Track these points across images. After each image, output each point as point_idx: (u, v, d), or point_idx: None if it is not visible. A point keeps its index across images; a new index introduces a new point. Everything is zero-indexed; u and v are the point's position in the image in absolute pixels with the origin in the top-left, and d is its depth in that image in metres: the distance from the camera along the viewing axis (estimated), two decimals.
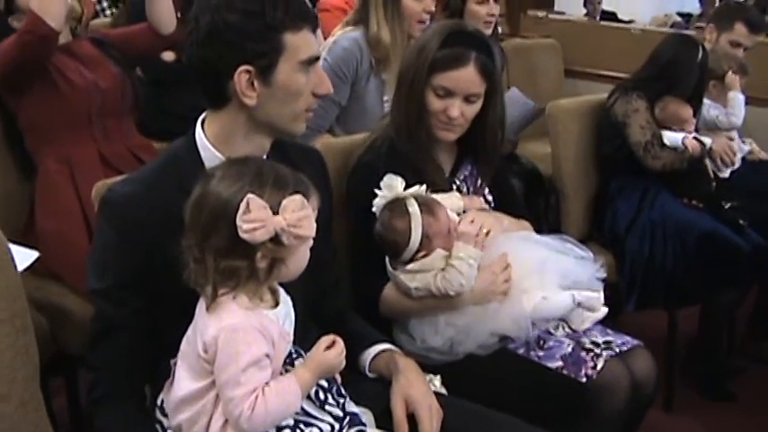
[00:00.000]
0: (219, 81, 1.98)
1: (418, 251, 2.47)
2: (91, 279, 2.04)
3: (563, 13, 7.59)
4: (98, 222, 2.06)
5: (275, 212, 1.74)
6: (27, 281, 2.89)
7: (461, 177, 2.81)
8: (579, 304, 2.56)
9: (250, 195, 1.72)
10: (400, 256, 2.49)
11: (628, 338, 2.64)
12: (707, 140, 3.92)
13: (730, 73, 4.23)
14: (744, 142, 4.40)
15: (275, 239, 1.74)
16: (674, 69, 3.89)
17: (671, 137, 3.83)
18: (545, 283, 2.54)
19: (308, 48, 2.02)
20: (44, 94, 3.22)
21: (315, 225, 1.79)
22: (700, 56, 3.88)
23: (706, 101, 4.15)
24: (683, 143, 3.81)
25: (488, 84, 2.64)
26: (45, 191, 3.25)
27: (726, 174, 4.24)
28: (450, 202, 2.62)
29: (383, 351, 2.28)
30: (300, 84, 2.02)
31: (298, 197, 1.76)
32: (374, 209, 2.50)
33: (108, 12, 6.39)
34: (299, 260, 1.83)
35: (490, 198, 2.85)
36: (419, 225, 2.44)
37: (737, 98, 4.23)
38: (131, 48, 3.59)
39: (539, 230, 2.88)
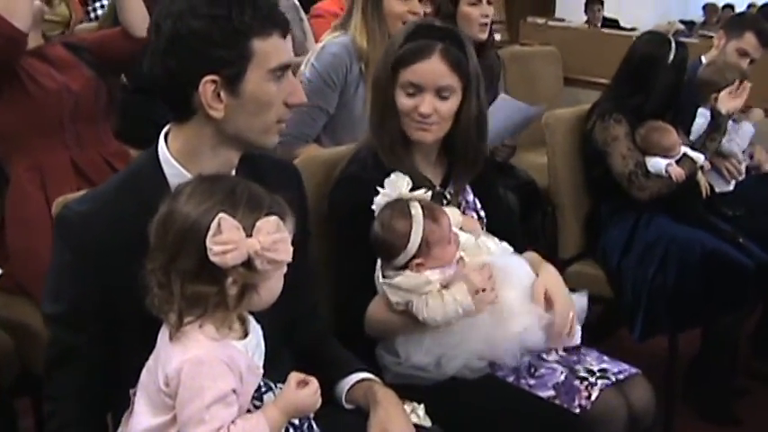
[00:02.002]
0: (183, 92, 1.85)
1: (414, 257, 2.34)
2: (45, 302, 1.92)
3: (563, 20, 7.50)
4: (53, 242, 1.92)
5: (249, 234, 1.61)
6: None
7: (452, 191, 2.67)
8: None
9: (222, 215, 1.60)
10: (394, 259, 2.36)
11: (625, 366, 2.51)
12: (699, 157, 3.73)
13: (757, 110, 4.09)
14: (745, 155, 4.25)
15: (248, 264, 1.62)
16: (645, 69, 3.75)
17: (654, 164, 3.66)
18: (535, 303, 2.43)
19: (279, 54, 1.88)
20: (13, 99, 3.09)
21: (290, 249, 1.66)
22: (672, 53, 3.74)
23: (708, 113, 4.03)
24: (666, 171, 3.65)
25: (461, 77, 2.50)
26: (15, 201, 3.13)
27: (730, 186, 4.11)
28: (450, 216, 2.48)
29: (361, 380, 2.14)
30: (271, 93, 1.89)
31: (273, 218, 1.64)
32: (374, 206, 2.38)
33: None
34: (271, 287, 1.71)
35: (483, 214, 2.72)
36: (420, 229, 2.31)
37: (747, 130, 4.12)
38: (107, 52, 3.45)
39: (535, 246, 2.75)
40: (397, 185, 2.37)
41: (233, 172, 1.98)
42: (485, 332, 2.34)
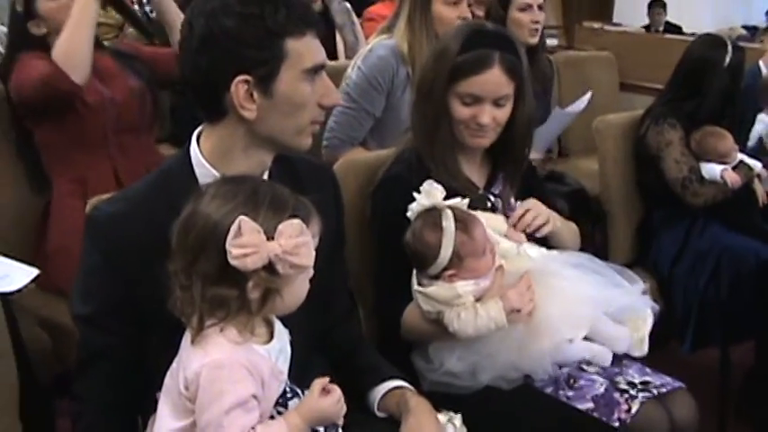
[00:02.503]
0: (215, 92, 1.81)
1: (446, 269, 2.29)
2: (74, 303, 1.90)
3: (620, 25, 7.40)
4: (84, 243, 1.90)
5: (270, 238, 1.57)
6: (34, 298, 2.85)
7: (496, 192, 2.62)
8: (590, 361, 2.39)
9: (242, 217, 1.56)
10: (426, 269, 2.31)
11: (668, 379, 2.42)
12: (756, 164, 3.67)
13: None
14: None
15: (269, 267, 1.58)
16: (700, 72, 3.68)
17: (709, 170, 3.60)
18: (580, 321, 2.35)
19: (313, 55, 1.85)
20: (61, 118, 3.11)
21: (313, 253, 1.62)
22: (728, 56, 3.66)
23: (766, 119, 3.95)
24: (721, 177, 3.58)
25: (516, 83, 2.46)
26: (57, 210, 3.15)
27: None
28: (495, 223, 2.45)
29: (395, 388, 2.09)
30: (305, 94, 1.85)
31: (296, 222, 1.59)
32: (409, 213, 2.33)
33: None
34: (295, 291, 1.67)
35: None
36: (451, 242, 2.26)
37: None
38: (159, 69, 3.43)
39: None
40: (431, 194, 2.31)
41: (266, 173, 1.95)
42: (518, 343, 2.28)
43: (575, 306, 2.34)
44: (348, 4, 5.51)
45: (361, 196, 2.59)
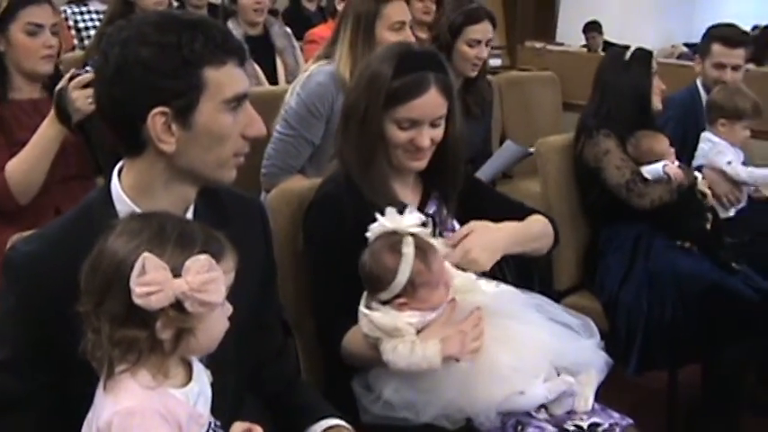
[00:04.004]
0: (132, 125, 1.73)
1: (398, 296, 2.21)
2: None
3: (562, 45, 7.42)
4: (2, 284, 1.80)
5: (176, 275, 1.49)
6: None
7: (429, 212, 2.55)
8: (546, 406, 2.26)
9: (146, 254, 1.48)
10: (379, 293, 2.24)
11: (617, 416, 2.32)
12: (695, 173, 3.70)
13: None
14: None
15: (177, 306, 1.50)
16: (606, 75, 3.77)
17: (650, 169, 3.59)
18: (531, 370, 2.24)
19: (234, 84, 1.76)
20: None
21: (224, 290, 1.54)
22: (629, 53, 3.74)
23: (714, 138, 3.94)
24: (664, 172, 3.56)
25: (449, 101, 2.42)
26: None
27: (731, 213, 4.00)
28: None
29: (330, 428, 2.03)
30: (226, 125, 1.77)
31: (203, 257, 1.51)
32: (369, 234, 2.25)
33: None
34: (211, 330, 1.58)
35: None
36: (408, 268, 2.19)
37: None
38: None
39: (530, 278, 2.61)
40: (396, 217, 2.25)
41: (190, 209, 1.87)
42: (462, 383, 2.18)
43: (528, 354, 2.24)
44: (288, 28, 5.47)
45: (295, 225, 2.53)
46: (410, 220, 2.24)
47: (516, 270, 2.64)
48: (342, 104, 2.60)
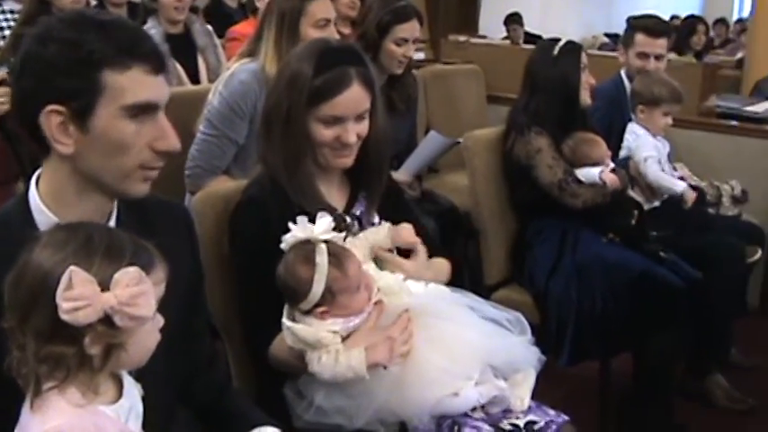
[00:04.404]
0: (33, 123, 1.67)
1: (318, 305, 2.18)
2: None
3: (485, 38, 7.43)
4: None
5: (105, 288, 1.44)
6: None
7: (356, 213, 2.53)
8: (483, 406, 2.24)
9: (73, 268, 1.42)
10: (298, 304, 2.20)
11: (552, 414, 2.30)
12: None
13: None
14: (674, 168, 4.19)
15: (106, 320, 1.45)
16: (535, 69, 3.76)
17: (586, 174, 3.60)
18: (463, 370, 2.21)
19: (138, 91, 1.68)
20: None
21: (154, 303, 1.49)
22: (558, 47, 3.73)
23: (638, 130, 3.98)
24: (600, 179, 3.57)
25: (372, 95, 2.40)
26: None
27: (656, 203, 4.04)
28: (377, 237, 2.38)
29: None
30: (126, 134, 1.69)
31: (132, 270, 1.47)
32: (283, 245, 2.21)
33: None
34: (142, 344, 1.54)
35: None
36: (323, 278, 2.15)
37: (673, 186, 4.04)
38: None
39: (459, 274, 2.59)
40: (307, 226, 2.20)
41: (113, 218, 1.81)
42: (393, 386, 2.16)
43: (460, 355, 2.21)
44: (209, 26, 5.39)
45: (221, 229, 2.47)
46: (322, 227, 2.20)
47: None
48: (262, 107, 2.55)
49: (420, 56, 6.75)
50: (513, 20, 10.13)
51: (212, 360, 2.15)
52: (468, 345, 2.23)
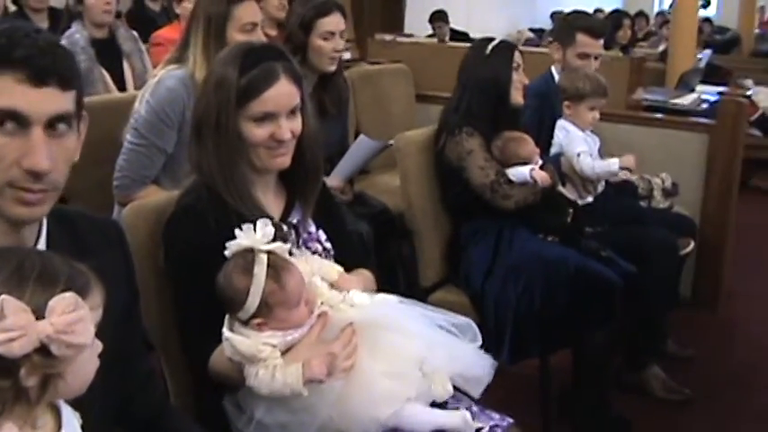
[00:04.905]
0: None
1: (255, 316, 2.13)
2: None
3: (411, 36, 7.42)
4: None
5: (40, 316, 1.38)
6: None
7: (293, 222, 2.49)
8: None
9: (4, 297, 1.36)
10: (235, 313, 2.16)
11: (497, 418, 2.32)
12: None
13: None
14: None
15: (42, 350, 1.38)
16: (467, 68, 3.75)
17: (516, 173, 3.59)
18: (411, 383, 2.18)
19: (4, 98, 1.55)
20: None
21: (92, 328, 1.44)
22: (491, 46, 3.73)
23: (568, 126, 4.00)
24: (531, 177, 3.57)
25: (300, 91, 2.37)
26: None
27: (589, 199, 4.05)
28: (326, 271, 2.34)
29: None
30: None
31: (68, 295, 1.40)
32: (227, 251, 2.16)
33: None
34: (82, 372, 1.47)
35: (328, 245, 2.52)
36: (260, 290, 2.11)
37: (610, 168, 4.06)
38: None
39: (394, 276, 2.56)
40: (252, 234, 2.15)
41: (41, 240, 1.72)
42: (335, 400, 2.13)
43: (406, 366, 2.19)
44: (135, 32, 5.30)
45: (154, 242, 2.41)
46: (266, 236, 2.15)
47: (379, 270, 2.60)
48: (192, 114, 2.50)
49: (347, 55, 6.72)
50: (439, 17, 10.14)
51: (149, 378, 2.08)
52: (416, 356, 2.20)
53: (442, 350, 2.24)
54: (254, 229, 2.15)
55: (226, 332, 2.15)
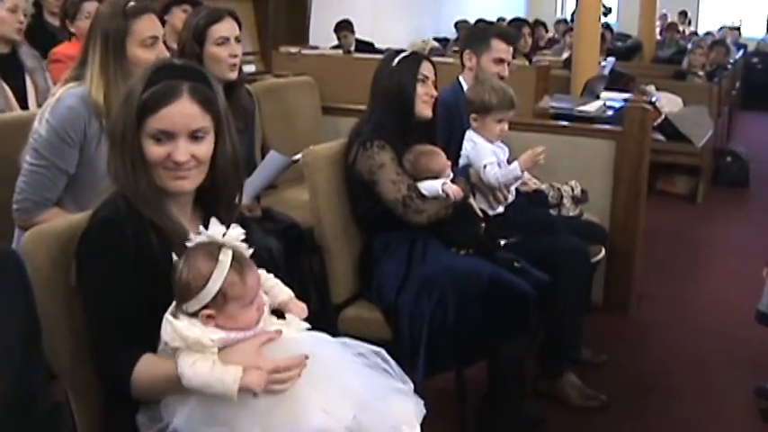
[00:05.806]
0: None
1: (207, 306, 2.10)
2: None
3: (317, 48, 7.38)
4: None
5: None
6: None
7: None
8: None
9: None
10: (187, 302, 2.11)
11: None
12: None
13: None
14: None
15: None
16: (376, 81, 3.72)
17: (428, 187, 3.56)
18: (341, 416, 2.13)
19: None
20: None
21: None
22: (398, 57, 3.70)
23: (475, 137, 4.00)
24: (442, 191, 3.55)
25: (212, 117, 2.28)
26: None
27: (500, 209, 4.06)
28: (277, 292, 2.38)
29: None
30: None
31: None
32: (189, 243, 2.15)
33: None
34: None
35: None
36: (222, 277, 2.09)
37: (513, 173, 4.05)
38: None
39: (306, 293, 2.51)
40: (219, 229, 2.16)
41: None
42: (261, 419, 2.07)
43: (338, 398, 2.14)
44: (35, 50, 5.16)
45: (57, 269, 2.32)
46: (234, 233, 2.16)
47: (290, 287, 2.54)
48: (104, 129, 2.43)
49: (251, 68, 6.65)
50: (344, 26, 10.10)
51: (53, 414, 1.99)
52: (351, 393, 2.16)
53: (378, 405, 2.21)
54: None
55: (169, 317, 2.12)
